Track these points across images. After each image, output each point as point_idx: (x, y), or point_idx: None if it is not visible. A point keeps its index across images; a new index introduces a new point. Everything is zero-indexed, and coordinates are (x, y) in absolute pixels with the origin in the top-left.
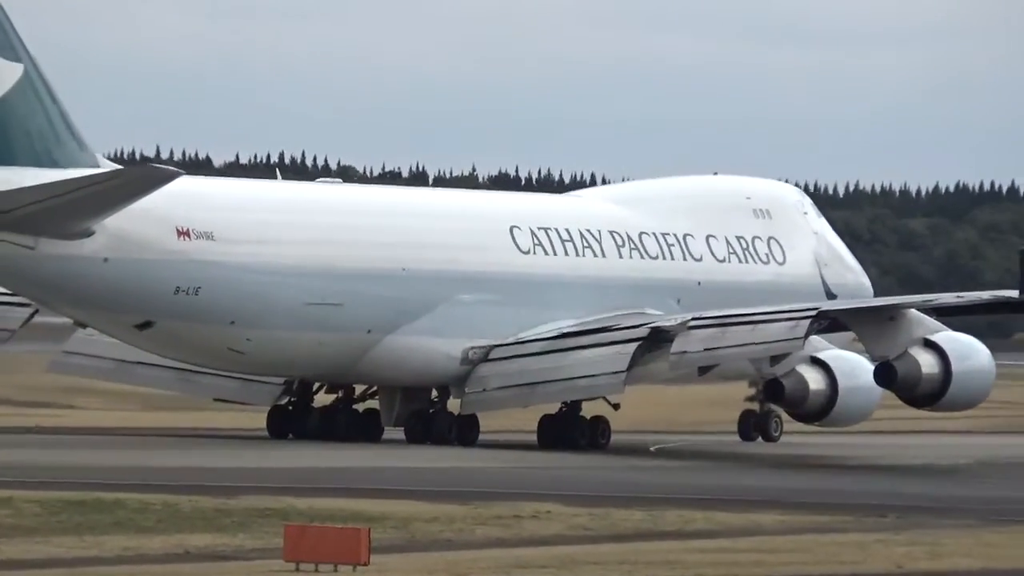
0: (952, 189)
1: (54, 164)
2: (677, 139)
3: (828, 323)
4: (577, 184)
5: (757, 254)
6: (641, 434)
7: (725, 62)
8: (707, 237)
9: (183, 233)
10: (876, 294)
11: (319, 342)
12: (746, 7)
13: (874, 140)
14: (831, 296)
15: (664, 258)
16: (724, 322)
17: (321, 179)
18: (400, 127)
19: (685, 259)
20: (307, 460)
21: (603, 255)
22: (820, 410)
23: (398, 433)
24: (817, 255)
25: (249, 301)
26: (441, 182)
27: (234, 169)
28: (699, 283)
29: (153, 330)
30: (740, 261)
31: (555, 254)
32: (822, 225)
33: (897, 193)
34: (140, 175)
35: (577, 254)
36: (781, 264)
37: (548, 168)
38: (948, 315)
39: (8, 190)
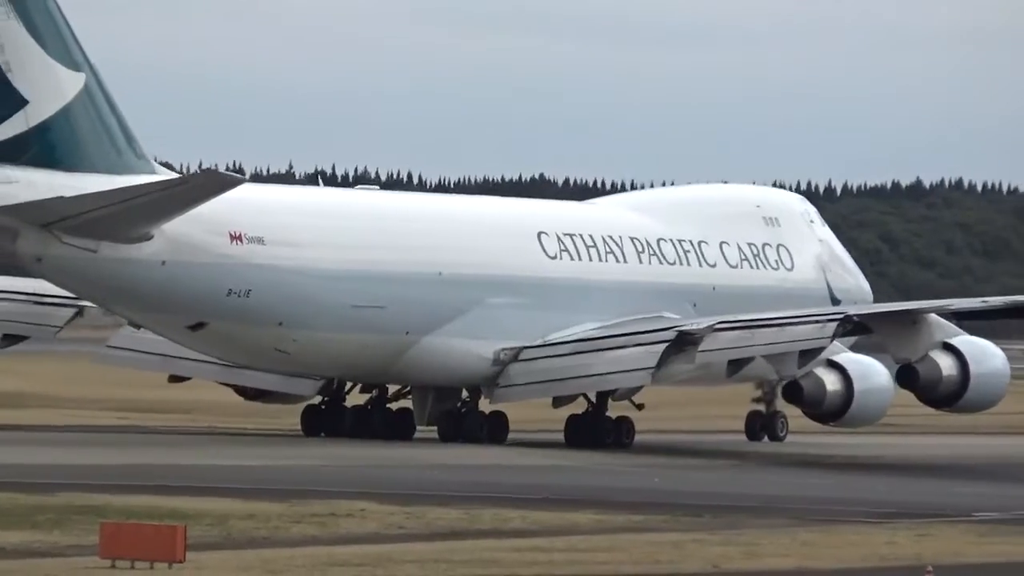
0: None
1: (114, 171)
2: (495, 138)
3: (851, 327)
4: (394, 182)
5: (767, 260)
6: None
7: (542, 62)
8: (720, 244)
9: (236, 237)
10: None
11: (361, 343)
12: (568, 6)
13: (692, 140)
14: (835, 301)
15: (681, 264)
16: (749, 325)
17: (360, 186)
18: (216, 124)
19: (700, 265)
20: (124, 457)
21: (624, 261)
22: (836, 411)
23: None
24: (822, 261)
25: (297, 303)
26: (258, 179)
27: None
28: (714, 288)
29: (205, 331)
30: (752, 267)
31: (580, 260)
32: (826, 233)
33: None
34: (206, 181)
35: (601, 260)
36: (789, 270)
37: (364, 166)
38: (966, 319)
39: (75, 196)
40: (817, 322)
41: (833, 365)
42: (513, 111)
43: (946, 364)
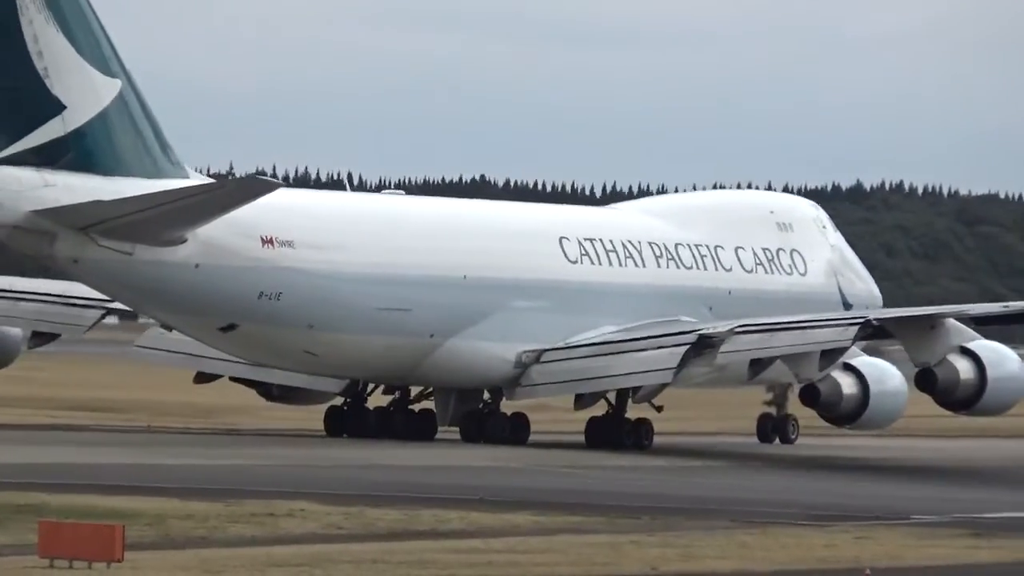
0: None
1: (148, 175)
2: (436, 139)
3: (871, 331)
4: (334, 183)
5: (781, 265)
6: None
7: (482, 62)
8: (736, 249)
9: (267, 241)
10: None
11: (387, 345)
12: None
13: (633, 142)
14: (847, 305)
15: (697, 268)
16: (769, 329)
17: (385, 191)
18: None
19: (716, 269)
20: (62, 456)
21: (643, 265)
22: (852, 413)
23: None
24: (834, 266)
25: (326, 306)
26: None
27: None
28: (729, 292)
29: (236, 333)
30: (766, 272)
31: (600, 264)
32: (837, 238)
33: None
34: (243, 186)
35: (620, 264)
36: (803, 275)
37: (305, 166)
38: (984, 324)
39: (114, 200)
40: (838, 326)
41: (849, 368)
42: (453, 111)
43: (964, 368)
